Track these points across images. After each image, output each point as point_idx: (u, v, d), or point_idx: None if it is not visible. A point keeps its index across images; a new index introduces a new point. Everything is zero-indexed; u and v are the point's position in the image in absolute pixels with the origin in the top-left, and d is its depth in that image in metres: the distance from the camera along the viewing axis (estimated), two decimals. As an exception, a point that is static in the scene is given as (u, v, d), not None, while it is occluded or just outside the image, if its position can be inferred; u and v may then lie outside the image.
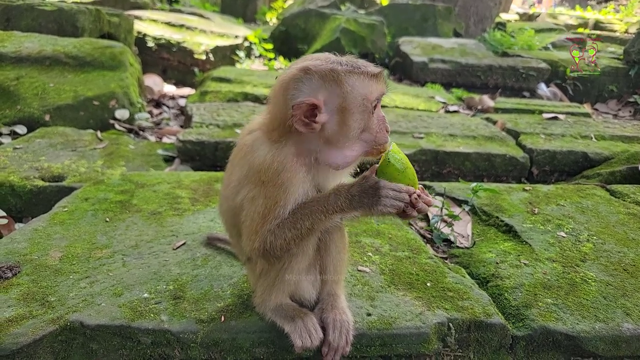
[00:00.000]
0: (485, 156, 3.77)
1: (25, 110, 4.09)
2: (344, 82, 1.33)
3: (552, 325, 1.77)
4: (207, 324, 1.61)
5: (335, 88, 1.33)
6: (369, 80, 1.36)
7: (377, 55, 7.82)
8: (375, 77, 1.37)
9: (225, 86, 5.16)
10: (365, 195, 1.33)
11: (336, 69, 1.33)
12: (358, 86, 1.34)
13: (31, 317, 1.59)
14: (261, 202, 1.38)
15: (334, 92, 1.33)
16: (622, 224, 2.59)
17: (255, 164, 1.40)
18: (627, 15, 15.57)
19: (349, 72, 1.34)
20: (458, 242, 2.48)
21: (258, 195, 1.39)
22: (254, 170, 1.40)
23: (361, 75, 1.35)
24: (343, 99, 1.34)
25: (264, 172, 1.37)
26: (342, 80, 1.33)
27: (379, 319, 1.70)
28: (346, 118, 1.35)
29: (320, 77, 1.33)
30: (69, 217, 2.31)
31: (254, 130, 1.49)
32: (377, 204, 1.32)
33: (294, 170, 1.37)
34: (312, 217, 1.36)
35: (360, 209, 1.34)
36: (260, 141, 1.42)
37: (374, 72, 1.36)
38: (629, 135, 4.37)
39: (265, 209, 1.37)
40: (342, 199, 1.34)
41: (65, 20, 5.32)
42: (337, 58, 1.38)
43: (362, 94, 1.34)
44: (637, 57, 7.05)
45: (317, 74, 1.33)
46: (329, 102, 1.34)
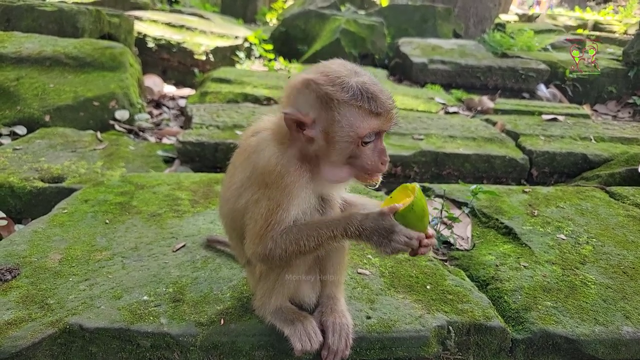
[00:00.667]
0: (485, 158, 3.77)
1: (25, 110, 4.09)
2: (334, 110, 1.28)
3: (551, 329, 1.77)
4: (206, 327, 1.61)
5: (326, 112, 1.29)
6: (367, 116, 1.28)
7: (377, 56, 7.83)
8: (377, 115, 1.29)
9: (225, 87, 5.16)
10: (377, 234, 1.30)
11: (332, 95, 1.27)
12: (350, 119, 1.28)
13: (30, 320, 1.59)
14: (264, 204, 1.37)
15: (324, 116, 1.30)
16: (621, 226, 2.59)
17: (259, 166, 1.39)
18: (626, 16, 15.59)
19: (345, 103, 1.27)
20: (458, 245, 2.48)
21: (261, 198, 1.38)
22: (258, 171, 1.39)
23: (359, 110, 1.27)
24: (330, 125, 1.29)
25: (268, 174, 1.36)
26: (333, 107, 1.28)
27: (379, 322, 1.70)
28: (330, 143, 1.32)
29: (317, 97, 1.29)
30: (69, 219, 2.31)
31: (259, 132, 1.48)
32: (386, 245, 1.30)
33: (298, 175, 1.36)
34: (317, 240, 1.34)
35: (369, 244, 1.32)
36: (265, 142, 1.41)
37: (376, 111, 1.28)
38: (628, 137, 4.37)
39: (268, 212, 1.36)
40: (352, 229, 1.32)
41: (66, 20, 5.32)
42: (351, 79, 1.28)
43: (352, 127, 1.28)
44: (636, 59, 7.05)
45: (314, 92, 1.30)
46: (317, 123, 1.31)
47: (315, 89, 1.29)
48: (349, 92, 1.27)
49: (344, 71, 1.31)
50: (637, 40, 7.19)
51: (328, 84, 1.28)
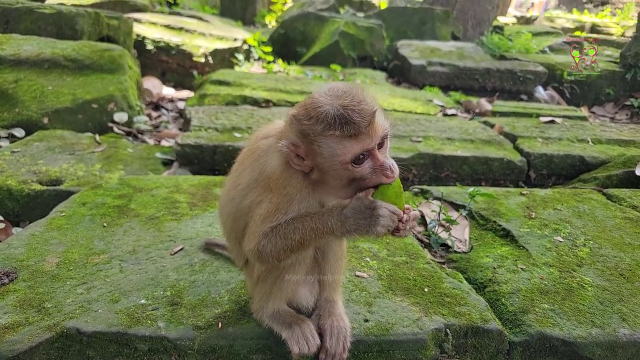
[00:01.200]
0: (483, 160, 3.78)
1: (24, 113, 4.09)
2: (314, 143, 1.28)
3: (548, 331, 1.78)
4: (204, 330, 1.61)
5: (309, 145, 1.30)
6: (343, 141, 1.26)
7: (375, 58, 7.85)
8: (353, 137, 1.25)
9: (224, 89, 5.16)
10: (360, 217, 1.29)
11: (306, 130, 1.28)
12: (329, 148, 1.27)
13: (27, 323, 1.59)
14: (265, 206, 1.41)
15: (309, 148, 1.31)
16: (618, 229, 2.59)
17: (266, 170, 1.43)
18: (623, 18, 15.63)
19: (320, 135, 1.27)
20: (456, 247, 2.48)
21: (264, 200, 1.42)
22: (265, 175, 1.43)
23: (334, 138, 1.26)
24: (316, 156, 1.30)
25: (274, 180, 1.40)
26: (312, 140, 1.29)
27: (377, 325, 1.70)
28: (323, 172, 1.33)
29: (298, 132, 1.31)
30: (67, 222, 2.31)
31: (269, 136, 1.50)
32: (374, 224, 1.28)
33: (300, 187, 1.39)
34: (301, 232, 1.34)
35: (356, 232, 1.30)
36: (274, 149, 1.43)
37: (349, 133, 1.25)
38: (625, 139, 4.38)
39: (267, 213, 1.39)
40: (333, 221, 1.31)
41: (64, 23, 5.33)
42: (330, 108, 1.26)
43: (334, 155, 1.27)
44: (633, 61, 7.07)
45: (296, 128, 1.31)
46: (307, 155, 1.33)
47: (296, 124, 1.31)
48: (322, 122, 1.26)
49: (326, 98, 1.29)
50: (635, 43, 7.21)
51: (305, 118, 1.29)
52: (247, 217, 1.50)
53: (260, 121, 4.09)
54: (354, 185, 1.35)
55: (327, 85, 1.36)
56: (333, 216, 1.32)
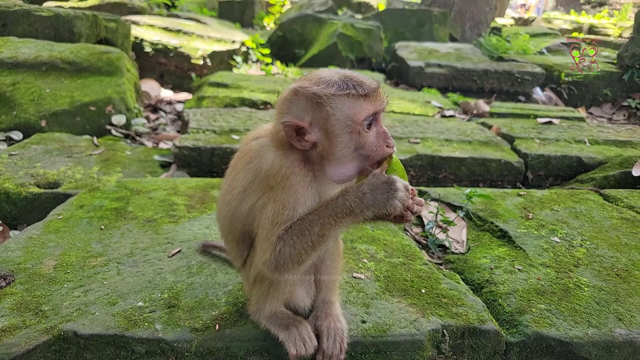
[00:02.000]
0: (481, 161, 3.79)
1: (21, 116, 4.09)
2: (326, 106, 1.32)
3: (545, 331, 1.78)
4: (201, 332, 1.61)
5: (319, 111, 1.33)
6: (357, 101, 1.32)
7: (374, 60, 7.86)
8: (366, 97, 1.32)
9: (222, 91, 5.17)
10: (378, 191, 1.28)
11: (318, 92, 1.32)
12: (343, 108, 1.32)
13: (24, 327, 1.59)
14: (270, 207, 1.38)
15: (319, 115, 1.34)
16: (615, 229, 2.60)
17: (263, 169, 1.40)
18: (620, 19, 15.69)
19: (333, 95, 1.32)
20: (453, 248, 2.49)
21: (267, 202, 1.39)
22: (262, 175, 1.40)
23: (348, 97, 1.32)
24: (326, 121, 1.33)
25: (273, 177, 1.37)
26: (324, 103, 1.32)
27: (374, 326, 1.70)
28: (333, 139, 1.35)
29: (306, 100, 1.34)
30: (64, 225, 2.31)
31: (260, 137, 1.50)
32: (392, 197, 1.27)
33: (302, 175, 1.37)
34: (320, 222, 1.31)
35: (373, 207, 1.28)
36: (267, 147, 1.43)
37: (363, 92, 1.32)
38: (622, 140, 4.40)
39: (275, 214, 1.36)
40: (351, 199, 1.29)
41: (62, 25, 5.33)
42: (333, 77, 1.35)
43: (348, 116, 1.32)
44: (630, 62, 7.09)
45: (303, 96, 1.34)
46: (315, 124, 1.35)
47: (303, 92, 1.35)
48: (334, 85, 1.33)
49: (327, 73, 1.38)
50: (632, 44, 7.23)
51: (313, 85, 1.35)
52: (245, 221, 1.48)
53: (258, 123, 4.09)
54: (358, 158, 1.37)
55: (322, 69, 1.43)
56: (349, 195, 1.30)
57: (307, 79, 1.39)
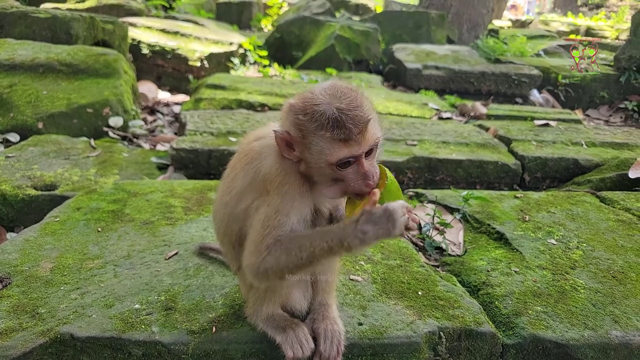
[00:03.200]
0: (478, 163, 3.80)
1: (18, 118, 4.08)
2: (306, 136, 1.31)
3: (541, 334, 1.79)
4: (198, 335, 1.61)
5: (301, 138, 1.33)
6: (334, 144, 1.28)
7: (371, 62, 7.88)
8: (345, 141, 1.27)
9: (219, 93, 5.17)
10: (379, 227, 1.23)
11: (302, 124, 1.30)
12: (318, 147, 1.30)
13: (21, 329, 1.59)
14: (263, 211, 1.39)
15: (300, 141, 1.34)
16: (611, 231, 2.61)
17: (262, 172, 1.41)
18: (617, 21, 15.76)
19: (313, 132, 1.29)
20: (450, 250, 2.50)
21: (261, 205, 1.40)
22: (261, 177, 1.41)
23: (325, 139, 1.28)
24: (304, 150, 1.34)
25: (270, 181, 1.38)
26: (305, 135, 1.31)
27: (371, 329, 1.70)
28: (309, 167, 1.36)
29: (293, 123, 1.34)
30: (61, 227, 2.30)
31: (262, 138, 1.50)
32: (394, 228, 1.23)
33: (299, 184, 1.39)
34: (310, 249, 1.30)
35: (375, 240, 1.25)
36: (269, 149, 1.44)
37: (341, 137, 1.27)
38: (619, 142, 4.42)
39: (266, 218, 1.37)
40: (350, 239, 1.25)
41: (59, 27, 5.33)
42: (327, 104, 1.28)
43: (322, 154, 1.30)
44: (627, 64, 7.13)
45: (292, 118, 1.34)
46: (298, 146, 1.35)
47: (292, 115, 1.34)
48: (316, 121, 1.28)
49: (324, 97, 1.30)
50: (629, 46, 7.26)
51: (301, 112, 1.31)
52: (242, 223, 1.48)
53: (255, 125, 4.10)
54: (337, 185, 1.37)
55: (329, 82, 1.37)
56: (348, 233, 1.25)
57: (304, 98, 1.34)
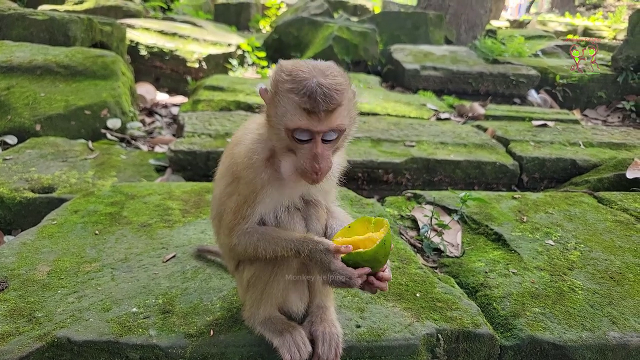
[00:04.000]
0: (476, 164, 3.80)
1: (16, 120, 4.08)
2: (277, 96, 1.34)
3: (539, 335, 1.79)
4: (196, 338, 1.61)
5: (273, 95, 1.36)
6: (297, 110, 1.29)
7: (369, 62, 7.88)
8: (307, 112, 1.28)
9: (217, 95, 5.16)
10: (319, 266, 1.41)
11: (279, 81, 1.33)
12: (283, 108, 1.32)
13: (18, 333, 1.59)
14: (234, 198, 1.47)
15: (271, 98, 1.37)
16: (609, 232, 2.61)
17: (235, 156, 1.48)
18: (615, 21, 15.79)
19: (285, 92, 1.31)
20: (448, 251, 2.50)
21: (233, 192, 1.48)
22: (234, 162, 1.48)
23: (293, 102, 1.29)
24: (272, 108, 1.37)
25: (240, 164, 1.45)
26: (277, 93, 1.34)
27: (368, 331, 1.70)
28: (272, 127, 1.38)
29: (273, 80, 1.37)
30: (58, 230, 2.30)
31: (246, 128, 1.56)
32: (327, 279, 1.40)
33: (264, 175, 1.43)
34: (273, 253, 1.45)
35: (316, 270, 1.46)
36: (247, 132, 1.50)
37: (305, 106, 1.27)
38: (616, 142, 4.42)
39: (237, 206, 1.46)
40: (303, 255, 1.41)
41: (57, 29, 5.32)
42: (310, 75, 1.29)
43: (284, 116, 1.32)
44: (624, 64, 7.14)
45: (274, 75, 1.37)
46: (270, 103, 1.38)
47: (275, 72, 1.38)
48: (293, 83, 1.30)
49: (313, 69, 1.32)
50: (626, 46, 7.28)
51: (285, 72, 1.34)
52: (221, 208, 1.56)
53: (253, 127, 4.09)
54: (290, 158, 1.39)
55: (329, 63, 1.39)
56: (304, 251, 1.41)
57: (296, 64, 1.36)
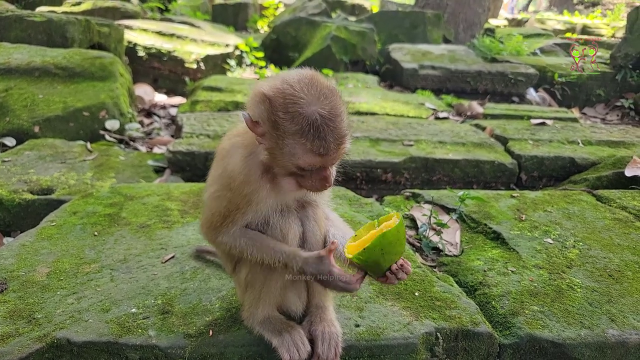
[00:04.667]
0: (474, 163, 3.80)
1: (14, 122, 4.07)
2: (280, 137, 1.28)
3: (538, 333, 1.79)
4: (195, 338, 1.61)
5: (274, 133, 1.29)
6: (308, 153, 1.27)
7: (367, 62, 7.88)
8: (319, 155, 1.27)
9: (216, 95, 5.17)
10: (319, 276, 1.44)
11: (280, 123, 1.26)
12: (292, 150, 1.28)
13: (17, 334, 1.59)
14: (225, 204, 1.46)
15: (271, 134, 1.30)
16: (607, 230, 2.62)
17: (228, 169, 1.47)
18: (613, 19, 15.79)
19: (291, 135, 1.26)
20: (447, 250, 2.50)
21: (224, 197, 1.47)
22: (226, 174, 1.47)
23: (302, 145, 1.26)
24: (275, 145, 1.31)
25: (233, 180, 1.44)
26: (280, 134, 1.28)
27: (368, 330, 1.71)
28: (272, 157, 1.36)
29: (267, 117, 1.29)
30: (57, 232, 2.30)
31: (234, 137, 1.54)
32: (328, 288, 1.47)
33: (258, 186, 1.43)
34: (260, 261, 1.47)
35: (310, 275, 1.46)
36: (236, 146, 1.48)
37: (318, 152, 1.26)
38: (615, 140, 4.43)
39: (227, 211, 1.46)
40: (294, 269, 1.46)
41: (55, 31, 5.32)
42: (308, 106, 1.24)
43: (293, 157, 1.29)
44: (623, 62, 7.14)
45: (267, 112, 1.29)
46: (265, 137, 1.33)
47: (267, 109, 1.28)
48: (297, 124, 1.24)
49: (306, 95, 1.25)
50: (625, 44, 7.28)
51: (281, 109, 1.26)
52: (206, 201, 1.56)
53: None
54: (294, 179, 1.41)
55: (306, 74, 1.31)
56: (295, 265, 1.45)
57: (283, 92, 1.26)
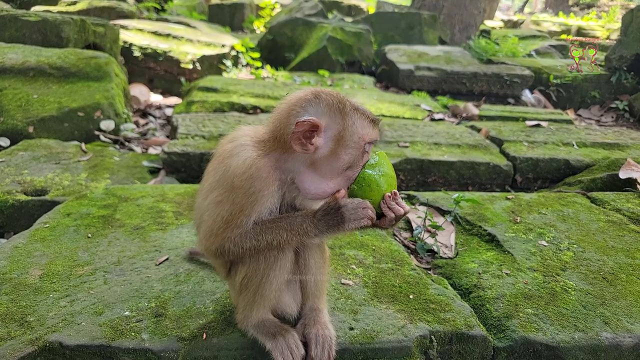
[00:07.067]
0: (470, 164, 3.81)
1: (8, 122, 4.05)
2: (347, 115, 1.42)
3: (532, 336, 1.80)
4: (188, 342, 1.60)
5: (338, 118, 1.41)
6: (370, 124, 1.46)
7: (364, 63, 7.88)
8: (374, 123, 1.47)
9: (211, 96, 5.15)
10: (329, 217, 1.41)
11: (344, 101, 1.43)
12: (358, 124, 1.43)
13: (9, 338, 1.57)
14: (227, 207, 1.41)
15: (336, 122, 1.41)
16: (602, 232, 2.63)
17: (231, 168, 1.41)
18: (609, 21, 15.87)
19: (354, 109, 1.44)
20: (441, 253, 2.50)
21: (225, 200, 1.41)
22: (229, 174, 1.41)
23: (363, 116, 1.44)
24: (343, 130, 1.41)
25: (239, 176, 1.39)
26: (346, 113, 1.42)
27: (362, 333, 1.70)
28: (339, 149, 1.42)
29: (327, 105, 1.40)
30: (50, 234, 2.28)
31: (236, 139, 1.50)
32: (342, 222, 1.40)
33: (268, 182, 1.40)
34: (274, 233, 1.41)
35: (328, 231, 1.42)
36: (242, 147, 1.44)
37: (374, 118, 1.47)
38: (609, 142, 4.45)
39: (230, 215, 1.40)
40: (307, 223, 1.42)
41: (50, 30, 5.29)
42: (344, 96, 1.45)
43: (360, 132, 1.43)
44: (618, 64, 7.18)
45: (325, 101, 1.41)
46: (328, 129, 1.41)
47: (326, 98, 1.41)
48: (350, 105, 1.44)
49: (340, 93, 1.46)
50: (619, 46, 7.32)
51: (335, 98, 1.42)
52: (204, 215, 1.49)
53: (248, 128, 4.08)
54: (343, 177, 1.45)
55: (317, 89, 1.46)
56: (307, 219, 1.42)
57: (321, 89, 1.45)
